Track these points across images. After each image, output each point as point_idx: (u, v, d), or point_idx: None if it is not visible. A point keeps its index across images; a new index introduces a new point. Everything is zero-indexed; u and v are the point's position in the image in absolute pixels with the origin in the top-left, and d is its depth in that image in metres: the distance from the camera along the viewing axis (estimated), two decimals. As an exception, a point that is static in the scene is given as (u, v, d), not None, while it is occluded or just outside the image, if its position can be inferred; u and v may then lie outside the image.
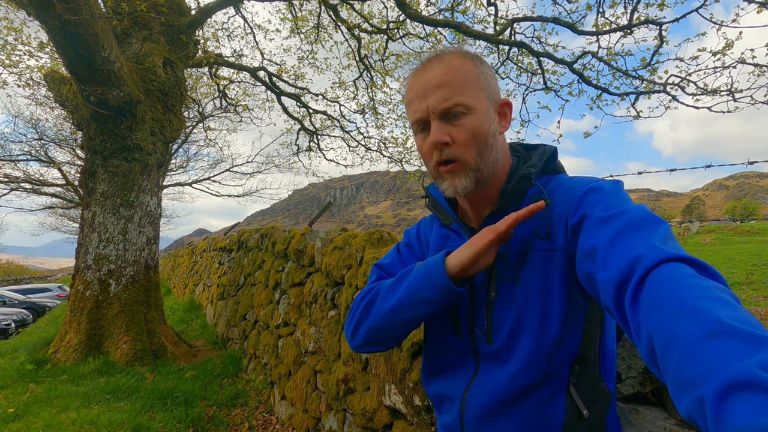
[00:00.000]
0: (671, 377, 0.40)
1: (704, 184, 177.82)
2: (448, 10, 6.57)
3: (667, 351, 0.41)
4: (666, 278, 0.47)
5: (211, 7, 5.82)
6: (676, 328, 0.41)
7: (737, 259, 11.50)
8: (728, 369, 0.34)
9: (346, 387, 2.25)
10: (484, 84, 0.75)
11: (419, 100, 0.74)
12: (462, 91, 0.72)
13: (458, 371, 0.82)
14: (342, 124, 8.80)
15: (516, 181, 0.75)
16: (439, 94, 0.72)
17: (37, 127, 13.31)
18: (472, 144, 0.73)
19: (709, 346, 0.37)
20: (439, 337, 0.86)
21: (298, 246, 3.43)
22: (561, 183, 0.76)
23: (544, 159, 0.79)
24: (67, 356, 4.10)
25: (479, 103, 0.73)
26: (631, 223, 0.58)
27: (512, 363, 0.73)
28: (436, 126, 0.73)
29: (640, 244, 0.54)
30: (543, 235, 0.72)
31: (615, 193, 0.67)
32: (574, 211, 0.68)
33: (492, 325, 0.76)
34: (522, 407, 0.72)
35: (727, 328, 0.37)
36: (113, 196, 4.54)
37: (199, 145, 19.06)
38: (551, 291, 0.70)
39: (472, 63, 0.75)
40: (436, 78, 0.73)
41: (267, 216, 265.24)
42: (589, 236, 0.62)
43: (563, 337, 0.70)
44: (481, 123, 0.73)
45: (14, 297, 14.78)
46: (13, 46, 5.75)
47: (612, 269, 0.54)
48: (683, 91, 5.22)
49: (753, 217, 54.01)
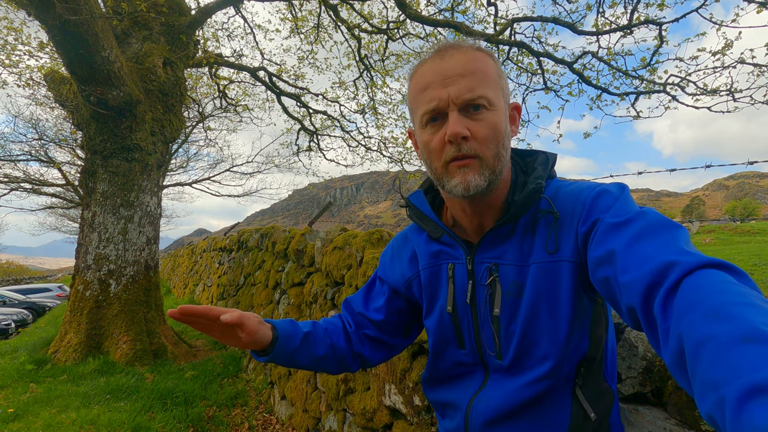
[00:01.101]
0: (699, 379, 0.39)
1: (704, 184, 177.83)
2: (448, 10, 6.58)
3: (697, 353, 0.40)
4: (701, 284, 0.46)
5: (211, 7, 5.82)
6: (708, 331, 0.40)
7: (737, 259, 11.50)
8: (754, 373, 0.33)
9: (346, 387, 2.25)
10: (502, 83, 0.72)
11: (436, 88, 0.67)
12: (486, 85, 0.67)
13: (465, 381, 0.81)
14: (342, 124, 8.80)
15: (527, 194, 0.71)
16: (462, 84, 0.66)
17: (37, 127, 13.32)
18: (492, 141, 0.67)
19: (739, 350, 0.36)
20: (444, 349, 0.84)
21: (298, 246, 3.43)
22: (560, 189, 0.73)
23: (549, 170, 0.76)
24: (67, 356, 4.10)
25: (499, 101, 0.69)
26: (650, 227, 0.57)
27: (523, 376, 0.72)
28: (455, 118, 0.66)
29: (668, 249, 0.52)
30: (552, 250, 0.69)
31: (624, 198, 0.66)
32: (585, 219, 0.66)
33: (501, 341, 0.74)
34: (529, 413, 0.71)
35: (761, 334, 0.37)
36: (113, 196, 4.54)
37: (199, 145, 19.08)
38: (559, 303, 0.69)
39: (492, 60, 0.71)
40: (460, 66, 0.67)
41: (267, 216, 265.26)
42: (604, 241, 0.60)
43: (572, 343, 0.69)
44: (500, 120, 0.68)
45: (14, 297, 14.77)
46: (13, 46, 5.75)
47: (636, 272, 0.52)
48: (683, 91, 5.22)
49: (753, 217, 54.02)
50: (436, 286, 0.83)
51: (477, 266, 0.76)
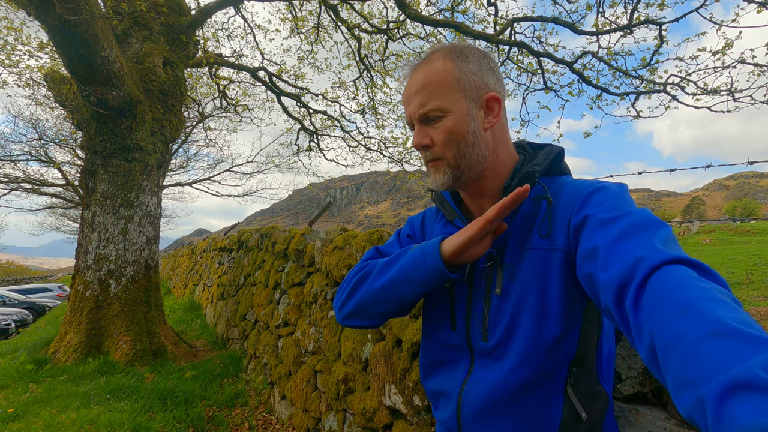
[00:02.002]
0: (671, 377, 0.40)
1: (704, 184, 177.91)
2: (448, 10, 6.57)
3: (668, 351, 0.41)
4: (668, 280, 0.47)
5: (211, 7, 5.82)
6: (677, 328, 0.41)
7: (737, 259, 11.50)
8: (730, 370, 0.34)
9: (346, 387, 2.25)
10: (464, 83, 0.75)
11: (406, 106, 0.80)
12: (436, 96, 0.75)
13: (453, 367, 0.83)
14: (342, 124, 8.80)
15: (519, 178, 0.76)
16: (416, 101, 0.76)
17: (37, 127, 13.32)
18: (451, 144, 0.76)
19: (710, 346, 0.37)
20: (435, 331, 0.87)
21: (298, 246, 3.43)
22: (565, 184, 0.76)
23: (549, 159, 0.79)
24: (67, 356, 4.10)
25: (456, 105, 0.75)
26: (634, 226, 0.58)
27: (507, 360, 0.73)
28: (417, 130, 0.78)
29: (642, 246, 0.54)
30: (545, 234, 0.72)
31: (619, 195, 0.67)
32: (578, 211, 0.68)
33: (490, 321, 0.76)
34: (519, 406, 0.72)
35: (729, 329, 0.38)
36: (113, 196, 4.54)
37: (199, 145, 19.09)
38: (549, 290, 0.70)
39: (453, 62, 0.75)
40: (416, 84, 0.77)
41: (267, 216, 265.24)
42: (592, 237, 0.62)
43: (560, 337, 0.70)
44: (457, 124, 0.75)
45: (14, 297, 14.78)
46: (13, 46, 5.75)
47: (613, 270, 0.54)
48: (683, 90, 5.22)
49: (753, 217, 54.04)
50: None
51: None
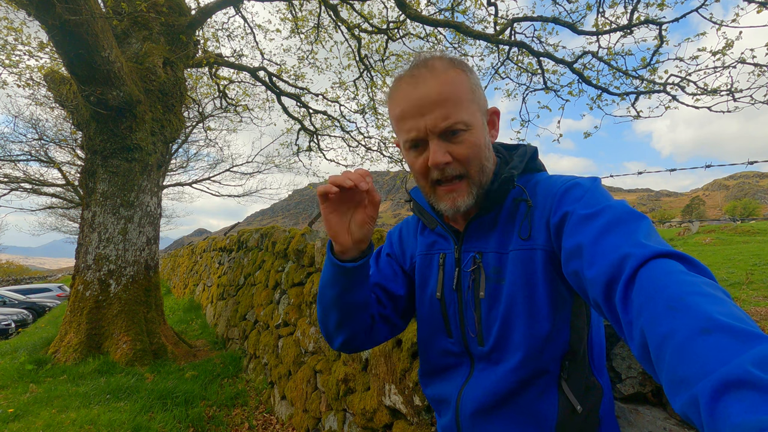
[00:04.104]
0: (665, 375, 0.40)
1: (704, 184, 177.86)
2: (448, 10, 6.58)
3: (661, 349, 0.41)
4: (656, 275, 0.47)
5: (211, 7, 5.82)
6: (667, 325, 0.41)
7: (737, 259, 11.49)
8: (721, 367, 0.34)
9: (346, 387, 2.25)
10: (477, 95, 0.73)
11: (414, 118, 0.69)
12: (460, 108, 0.69)
13: (454, 373, 0.83)
14: (342, 124, 8.81)
15: (499, 183, 0.75)
16: (437, 113, 0.68)
17: (37, 127, 13.34)
18: (475, 159, 0.71)
19: (700, 343, 0.37)
20: (432, 339, 0.86)
21: (298, 246, 3.43)
22: (540, 182, 0.76)
23: (525, 159, 0.79)
24: (67, 356, 4.10)
25: (475, 118, 0.71)
26: (615, 220, 0.58)
27: (504, 363, 0.73)
28: (436, 146, 0.69)
29: (626, 241, 0.54)
30: (525, 236, 0.72)
31: (594, 190, 0.67)
32: (555, 210, 0.68)
33: (482, 326, 0.76)
34: (515, 404, 0.72)
35: (718, 324, 0.38)
36: (113, 196, 4.54)
37: (199, 145, 19.12)
38: (536, 289, 0.71)
39: (464, 73, 0.71)
40: (434, 93, 0.68)
41: (267, 216, 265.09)
42: (574, 234, 0.62)
43: (552, 334, 0.70)
44: (479, 137, 0.71)
45: (14, 297, 14.77)
46: (13, 46, 5.74)
47: (599, 267, 0.55)
48: (683, 90, 5.22)
49: (753, 217, 54.05)
50: (428, 273, 0.87)
51: (464, 254, 0.80)
